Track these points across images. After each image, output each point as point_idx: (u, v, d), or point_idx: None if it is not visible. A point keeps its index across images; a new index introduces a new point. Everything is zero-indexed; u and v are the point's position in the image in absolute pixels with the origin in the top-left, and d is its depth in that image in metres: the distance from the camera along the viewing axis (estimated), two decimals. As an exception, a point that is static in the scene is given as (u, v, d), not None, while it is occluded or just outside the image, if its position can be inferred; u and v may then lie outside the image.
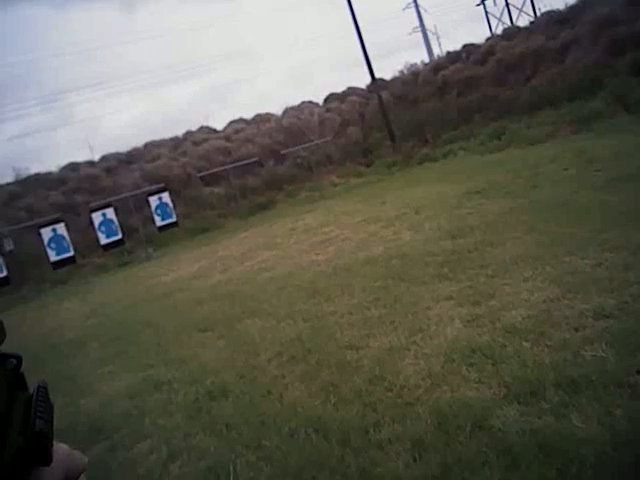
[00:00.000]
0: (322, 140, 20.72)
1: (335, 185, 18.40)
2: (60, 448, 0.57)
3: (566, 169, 8.75)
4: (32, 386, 0.57)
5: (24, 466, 0.50)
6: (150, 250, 15.48)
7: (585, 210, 5.95)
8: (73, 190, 20.00)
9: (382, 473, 2.51)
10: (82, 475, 0.61)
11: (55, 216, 15.55)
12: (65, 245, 14.66)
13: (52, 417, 0.55)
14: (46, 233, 14.49)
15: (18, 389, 0.55)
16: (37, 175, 21.58)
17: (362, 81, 27.64)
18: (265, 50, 60.99)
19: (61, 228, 14.71)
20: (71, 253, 14.77)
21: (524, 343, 3.32)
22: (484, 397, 2.87)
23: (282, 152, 20.34)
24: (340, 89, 28.19)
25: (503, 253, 5.26)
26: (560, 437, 2.33)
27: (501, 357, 3.22)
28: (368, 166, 19.65)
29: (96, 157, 23.63)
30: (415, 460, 2.54)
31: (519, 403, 2.70)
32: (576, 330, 3.30)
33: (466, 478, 2.30)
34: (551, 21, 20.47)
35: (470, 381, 3.09)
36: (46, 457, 0.52)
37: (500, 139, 15.18)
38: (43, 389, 0.57)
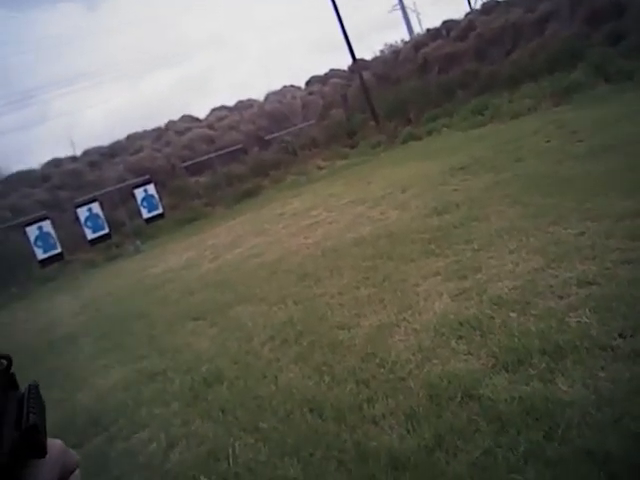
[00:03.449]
0: (306, 124, 20.65)
1: (321, 168, 18.37)
2: (55, 444, 0.59)
3: (548, 141, 8.81)
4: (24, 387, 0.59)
5: (21, 459, 0.52)
6: (138, 243, 15.41)
7: (568, 181, 6.01)
8: (57, 186, 19.82)
9: (377, 447, 2.57)
10: (76, 471, 0.63)
11: (40, 214, 15.40)
12: (52, 242, 14.55)
13: (44, 414, 0.57)
14: (32, 231, 14.35)
15: (9, 389, 0.57)
16: (19, 173, 21.33)
17: (344, 63, 27.52)
18: (242, 36, 60.34)
19: (47, 225, 14.58)
20: (58, 250, 14.66)
21: (511, 313, 3.38)
22: (473, 368, 2.93)
23: (266, 138, 20.24)
24: (322, 71, 28.03)
25: (488, 227, 5.32)
26: (547, 401, 2.40)
27: (489, 328, 3.28)
28: (353, 147, 19.62)
29: (78, 152, 23.40)
30: (409, 432, 2.60)
31: (507, 371, 2.77)
32: (560, 298, 3.37)
33: (458, 446, 2.36)
34: (529, -7, 20.39)
35: (459, 353, 3.15)
36: (41, 449, 0.54)
37: (482, 114, 15.20)
38: (34, 388, 0.59)
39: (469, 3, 32.10)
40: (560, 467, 2.04)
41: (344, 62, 27.73)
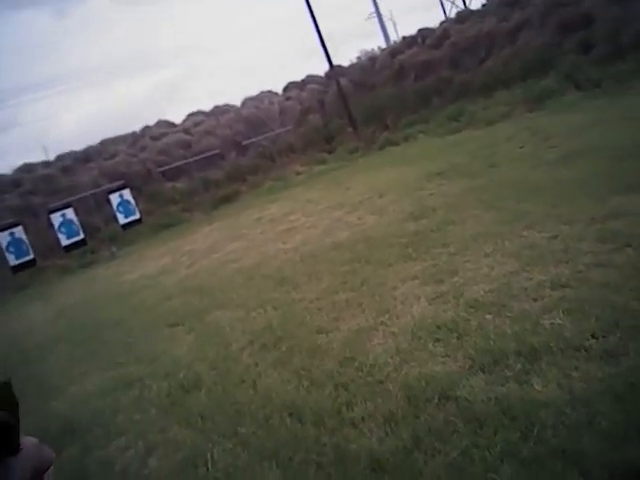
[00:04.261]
0: (283, 129, 20.66)
1: (299, 173, 18.38)
2: (29, 440, 0.58)
3: (522, 147, 8.98)
4: None
5: None
6: (114, 249, 15.20)
7: (541, 186, 6.14)
8: (29, 192, 19.42)
9: (356, 449, 2.58)
10: (51, 468, 0.63)
11: (12, 220, 15.10)
12: (24, 248, 14.28)
13: (17, 411, 0.57)
14: (3, 237, 14.08)
15: None
16: (-11, 178, 20.89)
17: (321, 69, 27.62)
18: (219, 42, 60.19)
19: (19, 231, 14.31)
20: (31, 256, 14.40)
21: (487, 316, 3.44)
22: (450, 370, 2.97)
23: (243, 143, 20.19)
24: (299, 77, 28.11)
25: (464, 231, 5.40)
26: (522, 402, 2.45)
27: (465, 331, 3.33)
28: (330, 153, 19.67)
29: (51, 157, 23.01)
30: (387, 434, 2.62)
31: (483, 373, 2.82)
32: (535, 300, 3.44)
33: (436, 447, 2.39)
34: (502, 3, 20.74)
35: (437, 355, 3.19)
36: (13, 447, 0.53)
37: (458, 121, 15.40)
38: (7, 385, 0.58)
39: (444, 12, 32.63)
40: (536, 466, 2.08)
41: (321, 68, 27.87)
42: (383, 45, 29.29)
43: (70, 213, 15.05)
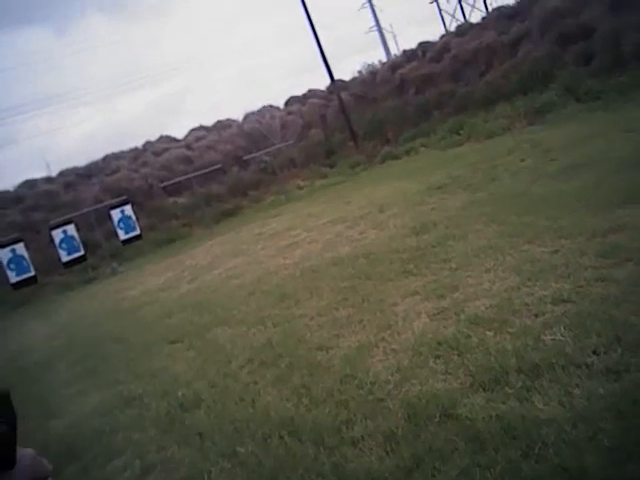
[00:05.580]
0: (285, 144, 20.73)
1: (300, 188, 18.43)
2: (26, 453, 0.57)
3: (523, 160, 8.98)
4: None
5: None
6: (115, 265, 15.20)
7: (542, 199, 6.12)
8: (31, 208, 19.50)
9: (356, 468, 2.54)
10: None
11: (13, 236, 15.12)
12: (25, 265, 14.27)
13: (15, 423, 0.56)
14: (4, 254, 14.07)
15: None
16: (-9, 195, 20.97)
17: (322, 83, 27.78)
18: (221, 57, 60.73)
19: (20, 248, 14.32)
20: (32, 273, 14.39)
21: (487, 332, 3.40)
22: (451, 387, 2.93)
23: (245, 158, 20.26)
24: (301, 92, 28.28)
25: (465, 246, 5.37)
26: (524, 420, 2.41)
27: (466, 347, 3.30)
28: (332, 167, 19.75)
29: (54, 173, 23.12)
30: (387, 453, 2.58)
31: (484, 390, 2.78)
32: (536, 316, 3.41)
33: (437, 466, 2.35)
34: (502, 16, 20.94)
35: (437, 373, 3.15)
36: (9, 460, 0.52)
37: (459, 134, 15.45)
38: (5, 397, 0.57)
39: (444, 25, 32.92)
40: (537, 486, 2.05)
41: (323, 82, 28.03)
42: (384, 59, 29.52)
43: (71, 229, 15.06)
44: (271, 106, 27.75)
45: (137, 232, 16.17)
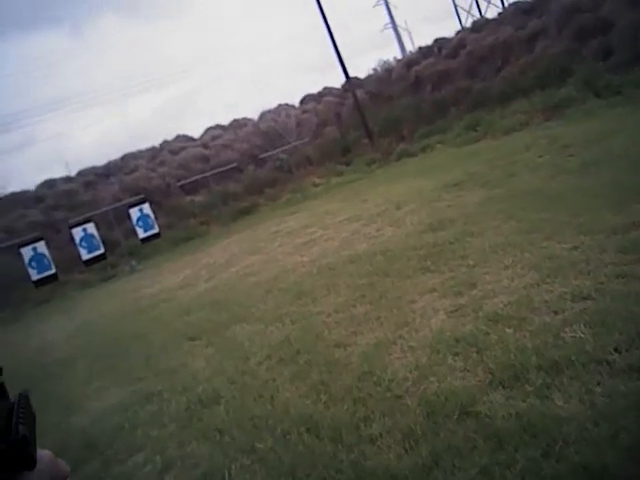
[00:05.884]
0: (300, 142, 20.76)
1: (316, 186, 18.44)
2: (44, 455, 0.58)
3: (541, 156, 8.88)
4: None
5: (8, 471, 0.52)
6: (133, 263, 15.37)
7: (561, 195, 6.06)
8: (51, 207, 19.82)
9: (374, 466, 2.55)
10: None
11: (35, 235, 15.37)
12: (46, 263, 14.50)
13: (34, 424, 0.57)
14: (26, 252, 14.32)
15: None
16: (13, 194, 21.32)
17: (337, 81, 27.77)
18: (236, 55, 60.94)
19: (41, 246, 14.55)
20: (53, 271, 14.62)
21: (507, 329, 3.38)
22: (470, 385, 2.92)
23: (261, 156, 20.34)
24: (316, 90, 28.29)
25: (483, 243, 5.34)
26: (544, 418, 2.39)
27: (485, 345, 3.28)
28: (348, 165, 19.72)
29: (73, 172, 23.44)
30: (406, 451, 2.58)
31: (504, 388, 2.76)
32: (556, 313, 3.37)
33: (456, 464, 2.35)
34: (519, 11, 20.71)
35: (456, 370, 3.14)
36: (30, 462, 0.53)
37: (476, 130, 15.34)
38: (25, 398, 0.58)
39: (460, 21, 32.67)
40: (558, 484, 2.03)
41: (338, 80, 28.01)
42: (399, 55, 29.40)
43: (91, 228, 15.27)
44: (287, 104, 27.83)
45: (156, 230, 16.34)
